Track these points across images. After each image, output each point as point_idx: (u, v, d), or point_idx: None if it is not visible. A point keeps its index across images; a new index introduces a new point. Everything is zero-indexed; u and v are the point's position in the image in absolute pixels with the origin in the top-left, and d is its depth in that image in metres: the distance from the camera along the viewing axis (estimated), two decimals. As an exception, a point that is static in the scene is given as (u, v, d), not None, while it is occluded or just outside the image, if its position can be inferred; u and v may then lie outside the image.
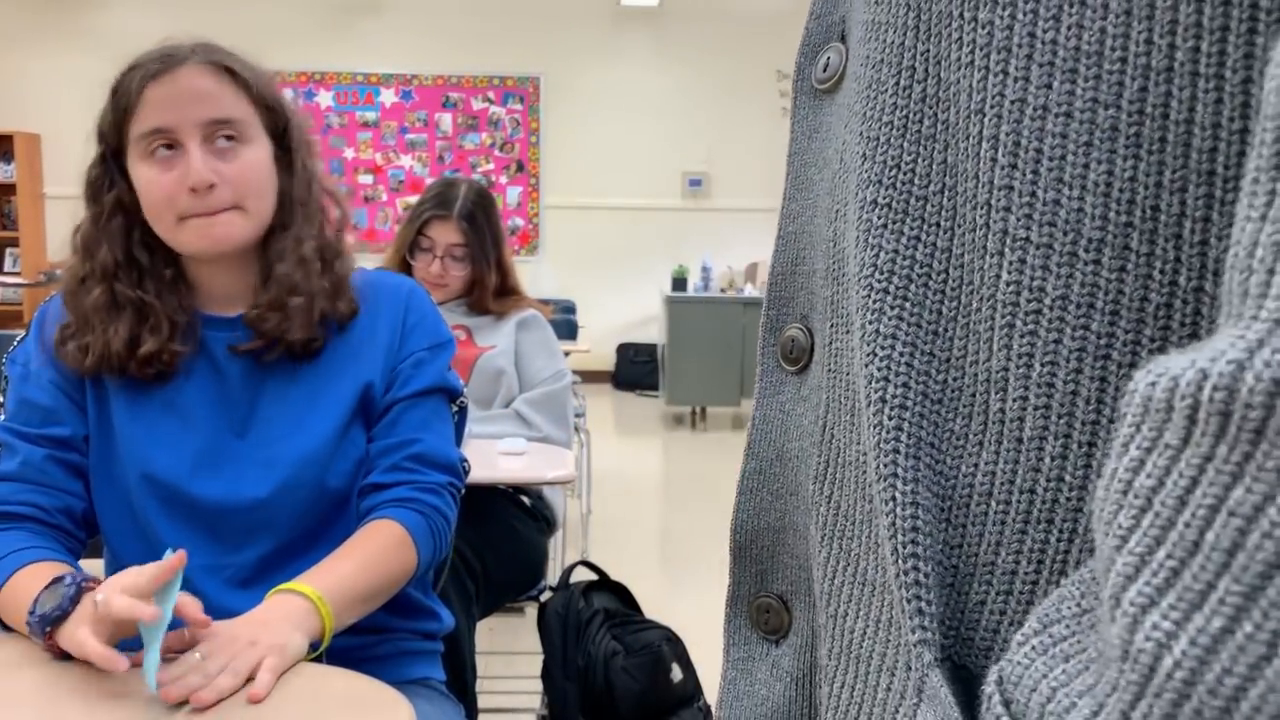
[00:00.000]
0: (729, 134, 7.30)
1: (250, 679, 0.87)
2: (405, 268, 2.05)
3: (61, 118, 7.10)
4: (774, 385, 0.42)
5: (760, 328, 0.43)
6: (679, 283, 6.31)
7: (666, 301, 6.20)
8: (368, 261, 1.59)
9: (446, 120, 7.24)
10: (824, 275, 0.39)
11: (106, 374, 1.06)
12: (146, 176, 1.03)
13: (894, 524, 0.31)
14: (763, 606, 0.43)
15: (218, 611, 1.00)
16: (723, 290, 6.44)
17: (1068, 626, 0.26)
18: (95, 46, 7.04)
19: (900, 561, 0.31)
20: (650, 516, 4.21)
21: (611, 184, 7.34)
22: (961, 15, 0.31)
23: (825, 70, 0.40)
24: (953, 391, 0.32)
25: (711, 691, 1.70)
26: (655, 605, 1.89)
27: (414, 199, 2.10)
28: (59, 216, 7.24)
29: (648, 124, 7.30)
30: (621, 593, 1.85)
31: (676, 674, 1.67)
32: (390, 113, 7.21)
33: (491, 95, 7.25)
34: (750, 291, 6.22)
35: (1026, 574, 0.30)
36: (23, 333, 1.13)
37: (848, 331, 0.37)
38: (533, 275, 7.00)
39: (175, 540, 1.05)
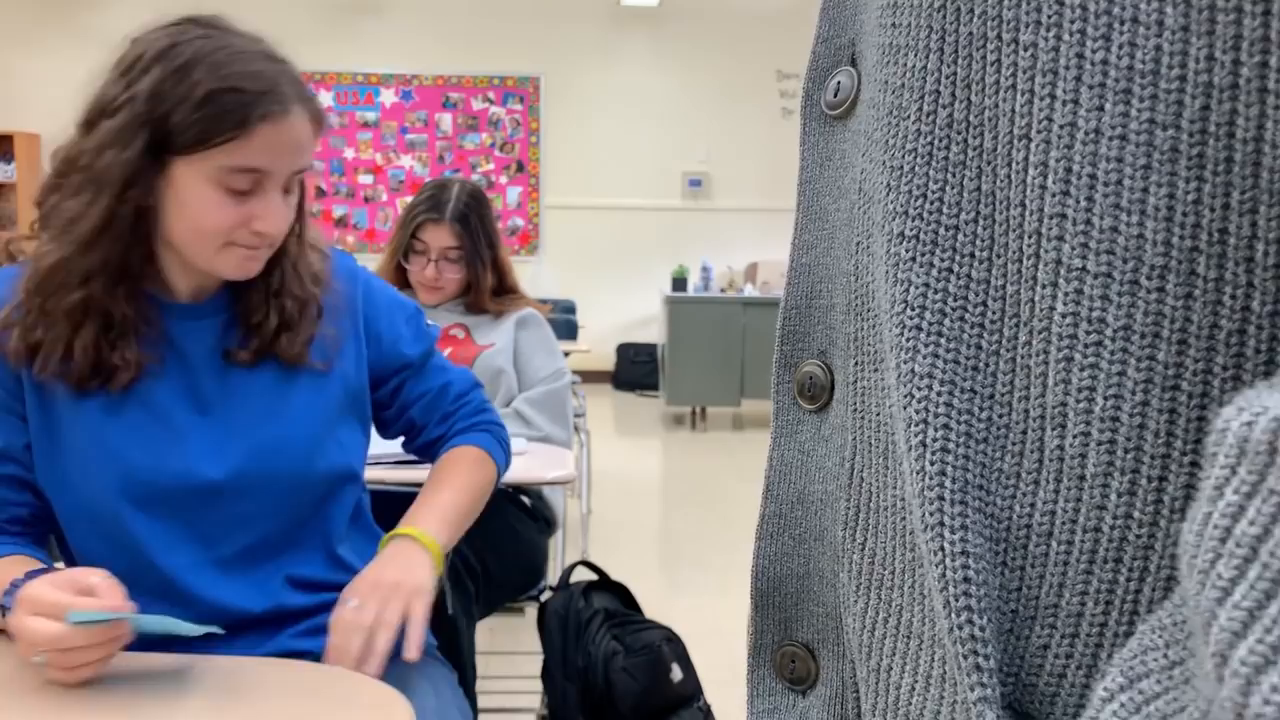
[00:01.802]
0: (729, 134, 7.30)
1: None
2: (400, 271, 2.04)
3: (61, 118, 7.08)
4: (791, 425, 0.41)
5: (774, 364, 0.42)
6: (679, 283, 6.32)
7: (666, 301, 6.20)
8: (367, 261, 1.59)
9: (446, 120, 7.25)
10: (845, 310, 0.37)
11: (62, 382, 0.98)
12: (209, 198, 0.97)
13: (944, 575, 0.30)
14: (788, 655, 0.41)
15: (205, 604, 1.01)
16: (723, 290, 6.44)
17: (1159, 682, 0.24)
18: (95, 47, 7.00)
19: (953, 615, 0.30)
20: (650, 516, 4.21)
21: (611, 184, 7.34)
22: (999, 38, 0.30)
23: (836, 95, 0.39)
24: (999, 429, 0.31)
25: (712, 691, 1.70)
26: (655, 605, 1.89)
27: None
28: (59, 216, 7.24)
29: (648, 124, 7.30)
30: (621, 593, 1.85)
31: (676, 674, 1.67)
32: (390, 113, 7.21)
33: (491, 95, 7.25)
34: (750, 292, 6.22)
35: (1094, 616, 0.29)
36: None
37: (876, 369, 0.35)
38: (533, 275, 7.00)
39: (151, 536, 1.01)
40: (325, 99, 7.17)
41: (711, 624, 2.94)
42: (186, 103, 0.94)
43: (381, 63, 7.19)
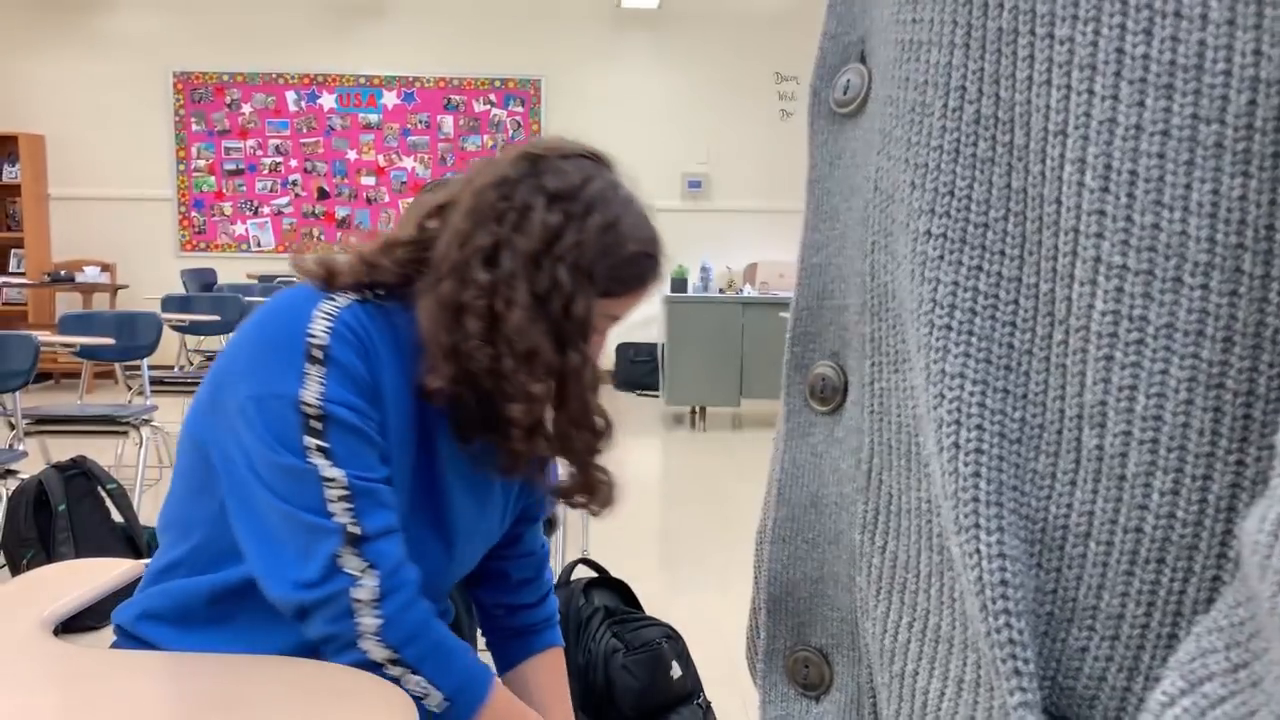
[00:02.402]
0: (728, 135, 7.30)
1: None
2: None
3: (66, 119, 7.11)
4: (802, 426, 0.40)
5: (784, 365, 0.41)
6: (679, 283, 6.32)
7: (666, 301, 6.20)
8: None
9: (448, 122, 7.25)
10: (859, 310, 0.37)
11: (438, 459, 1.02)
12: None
13: (980, 579, 0.29)
14: (801, 660, 0.40)
15: None
16: (722, 291, 6.45)
17: (1224, 685, 0.23)
18: (99, 49, 7.05)
19: (991, 619, 0.29)
20: (650, 516, 4.22)
21: (612, 185, 7.34)
22: (1032, 32, 0.29)
23: (846, 93, 0.38)
24: (1033, 429, 0.30)
25: (712, 688, 1.72)
26: (655, 603, 1.90)
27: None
28: (63, 217, 7.26)
29: (647, 125, 7.30)
30: (622, 590, 1.86)
31: (676, 671, 1.68)
32: (392, 115, 7.21)
33: (493, 97, 7.26)
34: (750, 292, 6.22)
35: (1135, 617, 0.29)
36: (317, 367, 0.91)
37: (896, 370, 0.35)
38: (534, 276, 7.00)
39: None
40: (327, 101, 7.19)
41: (711, 622, 2.95)
42: (613, 257, 0.98)
43: (383, 65, 7.20)
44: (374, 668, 0.91)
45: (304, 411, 0.89)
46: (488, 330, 0.93)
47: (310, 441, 0.89)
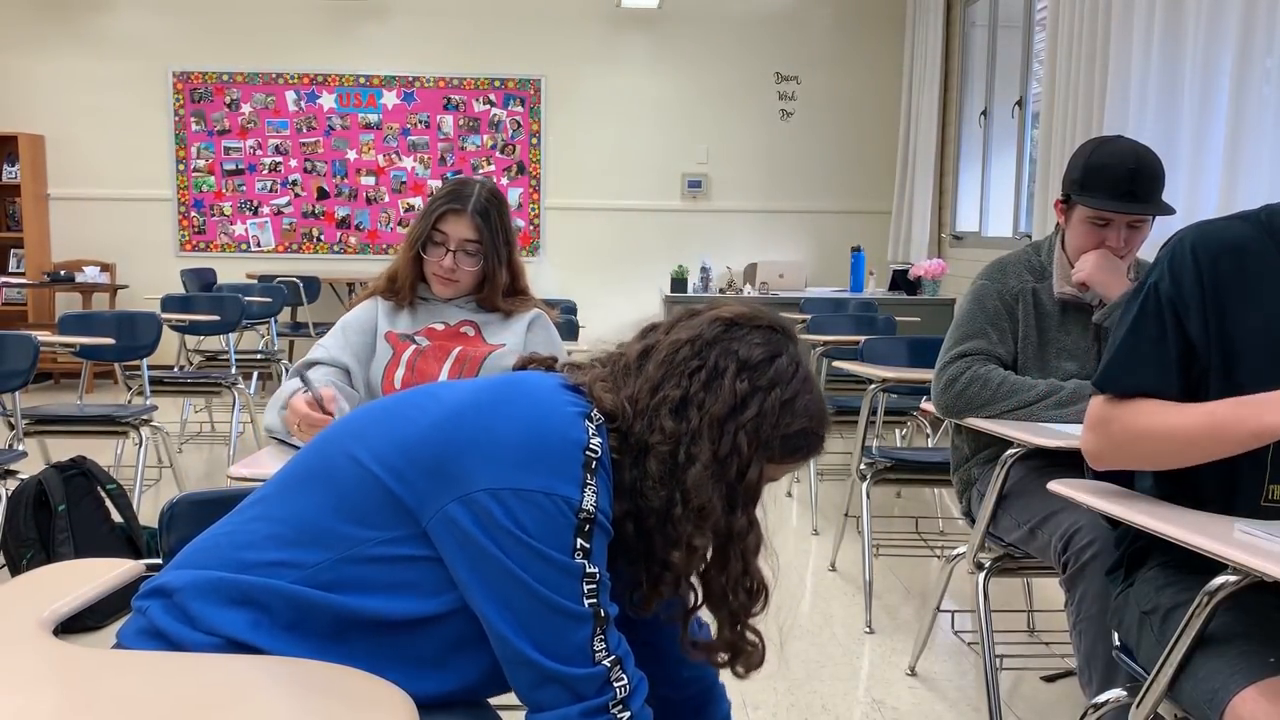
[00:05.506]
0: (728, 136, 7.31)
1: None
2: (417, 263, 2.06)
3: (66, 119, 7.11)
4: None
5: None
6: (678, 283, 6.33)
7: (666, 302, 6.21)
8: (373, 262, 1.60)
9: (448, 122, 7.26)
10: None
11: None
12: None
13: None
14: None
15: None
16: (721, 291, 6.46)
17: None
18: (99, 49, 7.06)
19: None
20: (650, 516, 4.20)
21: (611, 185, 7.35)
22: None
23: None
24: None
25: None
26: (654, 604, 1.90)
27: (416, 200, 2.12)
28: (62, 217, 7.26)
29: (647, 126, 7.31)
30: (621, 591, 1.86)
31: (675, 671, 1.68)
32: (392, 115, 7.22)
33: (493, 97, 7.26)
34: (750, 292, 6.23)
35: None
36: (594, 478, 1.00)
37: None
38: (533, 275, 6.99)
39: None
40: (327, 101, 7.19)
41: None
42: (786, 430, 1.06)
43: (383, 65, 7.20)
44: None
45: (581, 517, 0.98)
46: (666, 475, 1.02)
47: (580, 542, 0.98)
